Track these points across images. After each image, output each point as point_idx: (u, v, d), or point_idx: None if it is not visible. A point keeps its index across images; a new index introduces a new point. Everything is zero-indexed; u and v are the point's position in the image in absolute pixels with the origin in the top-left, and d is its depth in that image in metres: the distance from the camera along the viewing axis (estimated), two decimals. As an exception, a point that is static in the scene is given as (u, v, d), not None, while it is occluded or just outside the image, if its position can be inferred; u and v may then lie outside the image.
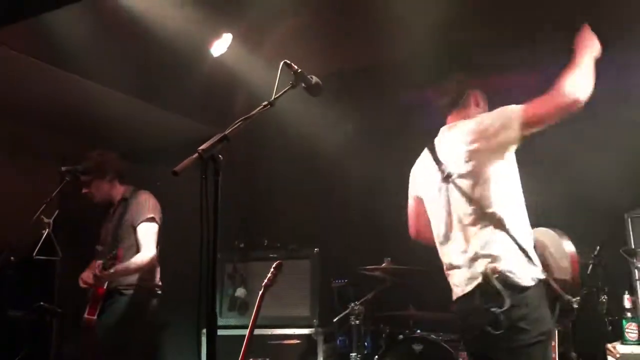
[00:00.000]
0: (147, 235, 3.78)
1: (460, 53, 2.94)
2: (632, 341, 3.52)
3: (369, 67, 5.26)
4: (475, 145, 2.53)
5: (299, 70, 2.30)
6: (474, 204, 2.51)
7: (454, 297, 2.61)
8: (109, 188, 3.96)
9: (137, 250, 3.78)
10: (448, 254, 2.65)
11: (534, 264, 2.44)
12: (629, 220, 3.70)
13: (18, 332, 3.66)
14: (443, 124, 2.83)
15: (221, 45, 4.57)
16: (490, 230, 2.48)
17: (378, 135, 5.24)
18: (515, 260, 2.43)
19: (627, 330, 3.55)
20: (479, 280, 2.44)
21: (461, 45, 3.06)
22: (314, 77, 2.34)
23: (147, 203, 3.90)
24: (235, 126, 2.05)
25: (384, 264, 4.26)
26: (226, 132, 1.99)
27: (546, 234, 2.61)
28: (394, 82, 5.04)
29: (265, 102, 2.18)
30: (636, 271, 3.56)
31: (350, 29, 4.95)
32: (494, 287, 2.37)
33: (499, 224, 2.47)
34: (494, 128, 2.49)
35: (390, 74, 5.07)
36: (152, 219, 3.84)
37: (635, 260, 3.56)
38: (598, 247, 3.67)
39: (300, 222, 5.20)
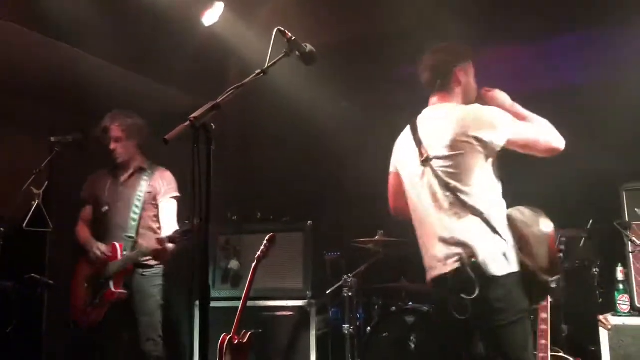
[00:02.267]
0: (170, 213, 3.84)
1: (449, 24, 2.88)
2: (623, 313, 3.56)
3: (363, 39, 5.18)
4: (460, 135, 2.49)
5: (293, 38, 2.24)
6: (451, 191, 2.49)
7: (429, 277, 2.64)
8: (134, 152, 3.95)
9: (156, 221, 3.87)
10: (425, 235, 2.63)
11: (508, 257, 2.43)
12: (623, 193, 3.69)
13: (8, 304, 3.65)
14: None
15: (213, 15, 4.48)
16: (468, 218, 2.46)
17: (371, 109, 5.20)
18: (490, 251, 2.42)
19: (619, 301, 3.58)
20: (454, 266, 2.45)
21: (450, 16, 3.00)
22: (308, 45, 2.29)
23: (171, 180, 3.95)
24: (228, 94, 2.01)
25: (376, 237, 4.26)
26: (218, 100, 1.96)
27: (524, 214, 2.55)
28: (387, 55, 4.99)
29: (258, 70, 2.14)
30: (629, 244, 3.57)
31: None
32: (468, 275, 2.38)
33: (477, 212, 2.46)
34: (482, 125, 2.49)
35: (384, 46, 5.02)
36: (176, 198, 3.91)
37: (629, 233, 3.57)
38: (591, 221, 3.69)
39: (293, 194, 5.19)
